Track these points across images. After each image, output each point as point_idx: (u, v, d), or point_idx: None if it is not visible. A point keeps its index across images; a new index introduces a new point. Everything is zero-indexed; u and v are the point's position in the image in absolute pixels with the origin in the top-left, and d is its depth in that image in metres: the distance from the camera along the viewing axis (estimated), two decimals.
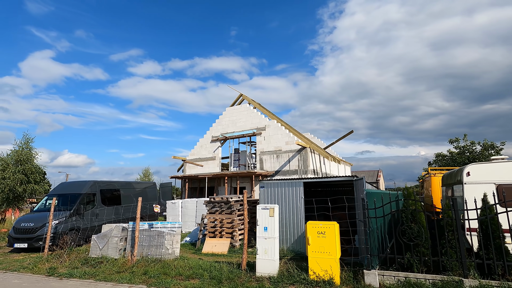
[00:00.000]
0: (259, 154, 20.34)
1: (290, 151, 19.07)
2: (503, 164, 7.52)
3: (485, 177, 7.55)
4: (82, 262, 8.53)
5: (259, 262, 6.70)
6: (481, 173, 7.62)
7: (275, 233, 6.77)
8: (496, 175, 7.49)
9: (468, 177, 7.71)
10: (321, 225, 6.35)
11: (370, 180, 58.32)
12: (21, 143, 20.68)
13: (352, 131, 19.38)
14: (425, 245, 6.17)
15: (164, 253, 8.83)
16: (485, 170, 7.63)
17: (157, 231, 8.98)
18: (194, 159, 23.61)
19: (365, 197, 6.27)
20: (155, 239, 8.93)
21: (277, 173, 19.45)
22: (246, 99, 23.20)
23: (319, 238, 6.31)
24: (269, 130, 20.25)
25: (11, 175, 19.13)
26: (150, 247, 8.91)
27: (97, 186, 14.12)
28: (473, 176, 7.67)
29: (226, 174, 19.68)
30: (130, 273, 7.43)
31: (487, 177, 7.53)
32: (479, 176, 7.61)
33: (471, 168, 7.75)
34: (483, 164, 7.74)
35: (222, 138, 22.39)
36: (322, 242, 6.27)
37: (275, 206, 6.94)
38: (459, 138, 27.70)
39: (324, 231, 6.29)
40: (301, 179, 9.94)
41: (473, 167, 7.75)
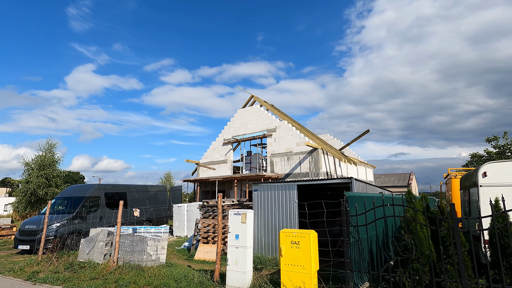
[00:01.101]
0: (270, 157, 19.59)
1: (301, 153, 18.12)
2: None
3: (505, 178, 6.25)
4: (67, 267, 8.39)
5: (229, 273, 6.02)
6: (501, 174, 6.32)
7: (247, 242, 6.05)
8: None
9: (485, 179, 6.44)
10: (295, 234, 5.54)
11: (400, 183, 54.81)
12: (44, 148, 21.83)
13: (368, 131, 17.96)
14: (422, 261, 5.12)
15: (146, 259, 8.43)
16: (506, 169, 6.32)
17: (139, 236, 8.63)
18: (206, 162, 23.42)
19: (346, 202, 5.36)
20: (138, 244, 8.58)
21: (287, 176, 18.56)
22: (258, 101, 22.62)
23: (292, 249, 5.50)
24: (279, 132, 19.45)
25: (34, 179, 20.17)
26: (133, 252, 8.57)
27: (101, 189, 14.27)
28: (491, 177, 6.39)
29: (236, 177, 19.17)
30: (103, 280, 7.10)
31: (508, 178, 6.22)
32: (499, 177, 6.32)
33: (488, 167, 6.47)
34: (504, 162, 6.42)
35: (233, 141, 21.96)
36: (296, 254, 5.45)
37: (248, 211, 6.22)
38: (498, 137, 24.79)
39: (299, 240, 5.47)
40: (295, 182, 9.10)
41: (491, 166, 6.46)
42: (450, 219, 4.50)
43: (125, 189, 16.02)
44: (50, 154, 21.75)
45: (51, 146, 21.94)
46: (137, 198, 16.48)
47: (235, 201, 10.58)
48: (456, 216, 4.49)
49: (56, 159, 21.99)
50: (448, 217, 4.52)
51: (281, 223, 9.08)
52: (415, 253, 5.09)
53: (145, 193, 17.48)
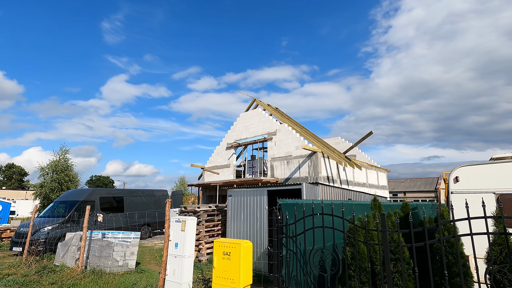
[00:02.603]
0: (270, 160, 19.11)
1: (301, 157, 17.46)
2: (507, 165, 5.27)
3: (480, 184, 5.40)
4: (38, 270, 8.54)
5: (167, 284, 5.72)
6: (475, 179, 5.47)
7: (185, 251, 5.72)
8: (496, 180, 5.29)
9: (456, 184, 5.61)
10: (227, 243, 5.13)
11: (427, 188, 51.48)
12: (58, 154, 22.99)
13: (372, 132, 16.89)
14: (363, 278, 4.50)
15: (112, 265, 8.36)
16: (481, 173, 5.46)
17: (106, 241, 8.60)
18: (211, 166, 23.39)
19: (279, 210, 4.86)
20: (105, 250, 8.54)
21: (287, 180, 17.96)
22: (260, 104, 22.27)
23: (224, 260, 5.09)
24: (279, 135, 18.94)
25: (48, 183, 21.25)
26: (100, 258, 8.55)
27: (96, 193, 14.62)
28: (463, 182, 5.56)
29: (235, 182, 18.88)
30: (59, 285, 7.09)
31: (483, 184, 5.37)
32: (472, 183, 5.47)
33: (460, 171, 5.64)
34: (478, 166, 5.55)
35: (236, 145, 21.75)
36: (226, 266, 5.03)
37: (188, 218, 5.90)
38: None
39: (230, 251, 5.05)
40: (265, 187, 8.63)
41: (463, 170, 5.62)
42: (380, 231, 3.88)
43: (122, 193, 16.32)
44: (64, 159, 22.81)
45: (64, 152, 23.02)
46: (135, 203, 16.73)
47: (212, 206, 10.28)
48: (385, 228, 3.85)
49: (70, 165, 22.99)
50: (378, 229, 3.89)
51: (252, 230, 8.63)
52: (355, 269, 4.48)
53: (145, 197, 17.71)
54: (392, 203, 8.60)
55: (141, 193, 17.83)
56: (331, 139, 28.64)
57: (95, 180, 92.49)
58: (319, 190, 7.16)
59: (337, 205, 5.82)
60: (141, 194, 17.71)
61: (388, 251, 3.78)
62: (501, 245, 3.80)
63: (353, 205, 6.98)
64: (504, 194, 5.13)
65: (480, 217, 3.75)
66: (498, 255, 3.84)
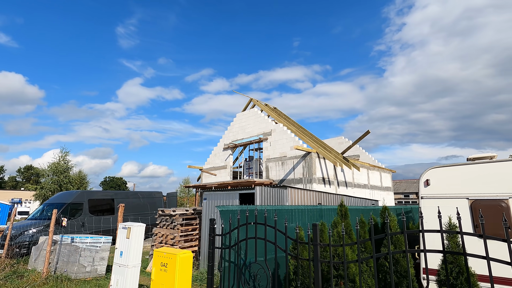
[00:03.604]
0: (265, 162, 18.61)
1: (295, 157, 16.87)
2: (482, 167, 4.59)
3: (453, 188, 4.74)
4: (7, 275, 8.40)
5: None
6: (447, 182, 4.82)
7: (129, 261, 5.33)
8: (470, 185, 4.62)
9: (427, 188, 4.97)
10: (165, 254, 4.70)
11: None
12: (59, 156, 23.28)
13: (369, 132, 16.08)
14: None
15: (78, 271, 8.10)
16: (454, 176, 4.80)
17: (74, 246, 8.35)
18: (209, 168, 23.10)
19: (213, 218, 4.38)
20: (72, 255, 8.29)
21: (281, 182, 17.40)
22: (257, 104, 21.80)
23: (161, 272, 4.67)
24: (274, 135, 18.41)
25: (48, 185, 21.53)
26: (68, 263, 8.31)
27: (85, 195, 14.54)
28: (435, 186, 4.91)
29: (229, 183, 18.48)
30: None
31: (456, 188, 4.71)
32: (444, 187, 4.82)
33: (431, 174, 4.99)
34: (451, 167, 4.88)
35: (232, 146, 21.36)
36: (163, 278, 4.61)
37: (134, 225, 5.51)
38: None
39: (167, 262, 4.62)
40: (237, 190, 8.16)
41: (435, 173, 4.97)
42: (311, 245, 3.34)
43: (113, 195, 16.21)
44: (64, 162, 23.07)
45: (64, 154, 23.28)
46: (128, 205, 16.57)
47: (189, 210, 9.90)
48: (317, 241, 3.31)
49: (69, 167, 23.23)
50: (309, 243, 3.35)
51: None
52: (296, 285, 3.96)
53: (139, 199, 17.56)
54: (370, 207, 7.93)
55: (134, 195, 17.69)
56: (334, 139, 27.83)
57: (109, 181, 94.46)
58: (288, 194, 6.62)
59: (287, 211, 5.29)
60: (134, 196, 17.57)
61: (318, 267, 3.24)
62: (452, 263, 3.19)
63: (321, 211, 6.40)
64: (478, 199, 4.46)
65: (434, 231, 3.15)
66: (449, 274, 3.23)
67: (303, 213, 5.94)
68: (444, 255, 3.03)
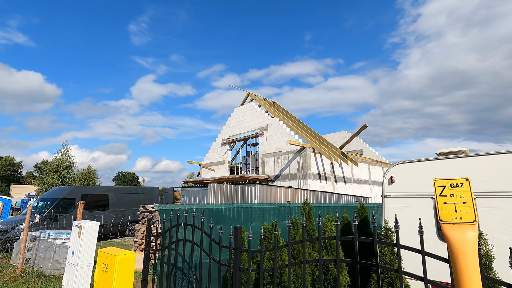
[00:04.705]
0: (261, 157, 18.26)
1: (290, 152, 16.44)
2: (448, 163, 4.11)
3: (417, 186, 4.29)
4: None
5: None
6: (412, 179, 4.36)
7: (79, 260, 5.15)
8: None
9: (391, 186, 4.54)
10: (107, 254, 4.47)
11: None
12: (61, 152, 23.65)
13: (366, 125, 15.43)
14: None
15: (53, 267, 8.06)
16: (419, 173, 4.34)
17: (50, 242, 8.31)
18: (207, 163, 22.96)
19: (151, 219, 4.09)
20: (48, 251, 8.26)
21: (277, 177, 17.03)
22: (255, 99, 21.39)
23: (103, 273, 4.45)
24: (270, 130, 18.00)
25: (49, 180, 21.93)
26: (44, 259, 8.29)
27: (77, 191, 14.63)
28: (399, 183, 4.46)
29: (224, 179, 18.27)
30: None
31: (420, 186, 4.26)
32: (409, 184, 4.37)
33: (396, 170, 4.54)
34: (416, 163, 4.41)
35: (229, 141, 21.10)
36: (104, 280, 4.39)
37: (86, 223, 5.32)
38: None
39: (108, 263, 4.40)
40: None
41: (400, 169, 4.52)
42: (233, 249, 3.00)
43: (107, 191, 16.27)
44: (66, 157, 23.42)
45: (66, 150, 23.62)
46: (123, 201, 16.63)
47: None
48: (237, 246, 2.97)
49: (72, 162, 23.57)
50: (230, 247, 3.02)
51: None
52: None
53: (134, 195, 17.58)
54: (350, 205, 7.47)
55: (132, 190, 17.75)
56: (337, 134, 27.15)
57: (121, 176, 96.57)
58: (258, 191, 6.27)
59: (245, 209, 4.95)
60: (131, 191, 17.62)
61: (237, 274, 2.91)
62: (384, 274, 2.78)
63: (290, 209, 6.04)
64: None
65: (367, 239, 2.75)
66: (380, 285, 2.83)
67: (266, 211, 5.60)
68: (377, 270, 2.64)
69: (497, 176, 3.72)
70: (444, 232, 1.53)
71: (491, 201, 3.71)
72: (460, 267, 1.38)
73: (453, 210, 1.51)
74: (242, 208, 5.22)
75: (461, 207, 1.49)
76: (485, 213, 3.72)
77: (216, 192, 6.31)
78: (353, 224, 2.36)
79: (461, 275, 1.38)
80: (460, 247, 1.41)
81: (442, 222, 1.55)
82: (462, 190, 1.50)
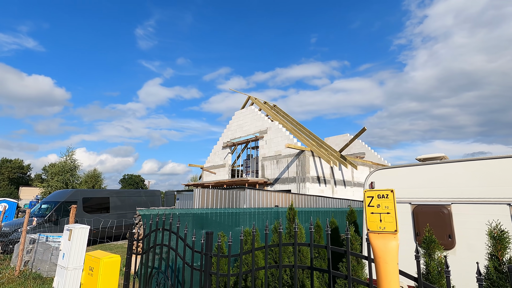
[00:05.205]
0: (261, 160, 18.34)
1: (289, 156, 16.49)
2: (426, 169, 4.13)
3: (398, 192, 4.31)
4: None
5: None
6: (392, 185, 4.40)
7: (69, 263, 5.28)
8: (413, 188, 4.19)
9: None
10: (93, 257, 4.60)
11: None
12: (65, 155, 24.08)
13: (365, 129, 15.40)
14: None
15: (50, 269, 8.24)
16: (398, 179, 4.37)
17: (47, 245, 8.50)
18: (209, 166, 23.12)
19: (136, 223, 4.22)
20: (45, 253, 8.45)
21: (276, 181, 17.08)
22: (255, 102, 21.50)
23: (89, 276, 4.57)
24: (270, 133, 18.09)
25: (54, 182, 22.34)
26: (41, 261, 8.48)
27: (79, 194, 14.88)
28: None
29: (224, 182, 18.39)
30: None
31: (399, 192, 4.29)
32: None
33: (376, 176, 4.58)
34: (395, 169, 4.45)
35: (230, 144, 21.24)
36: (90, 283, 4.51)
37: (76, 227, 5.46)
38: None
39: (93, 266, 4.52)
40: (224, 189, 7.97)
41: (380, 174, 4.56)
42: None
43: (108, 194, 16.51)
44: (71, 160, 23.83)
45: (71, 153, 24.04)
46: (125, 204, 16.86)
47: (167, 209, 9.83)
48: (208, 251, 3.04)
49: (76, 165, 23.96)
50: (202, 252, 3.10)
51: None
52: None
53: (135, 198, 17.81)
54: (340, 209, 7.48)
55: (134, 193, 17.98)
56: (339, 137, 27.09)
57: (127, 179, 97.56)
58: (247, 196, 6.35)
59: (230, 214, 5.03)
60: (133, 194, 17.86)
61: (206, 279, 2.99)
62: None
63: (278, 213, 6.10)
64: (420, 205, 4.02)
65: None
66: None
67: (253, 216, 5.67)
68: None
69: (473, 182, 3.73)
70: (370, 240, 1.59)
71: (467, 207, 3.73)
72: (381, 274, 1.44)
73: (378, 220, 1.58)
74: (228, 213, 5.31)
75: (385, 217, 1.56)
76: (461, 219, 3.74)
77: (202, 197, 6.40)
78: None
79: (381, 281, 1.44)
80: (381, 255, 1.47)
81: (369, 232, 1.62)
82: (387, 201, 1.56)
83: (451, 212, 3.76)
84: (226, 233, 5.05)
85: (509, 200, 3.40)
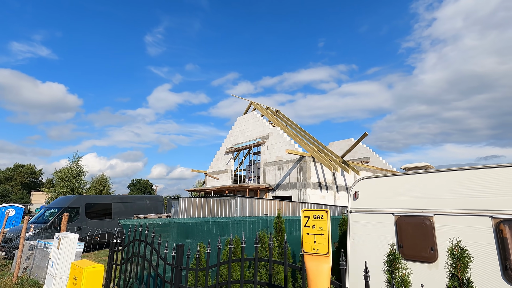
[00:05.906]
0: (263, 165, 18.29)
1: (290, 161, 16.40)
2: (409, 179, 4.03)
3: (380, 202, 4.23)
4: None
5: None
6: (376, 195, 4.31)
7: (57, 271, 5.35)
8: (396, 198, 4.10)
9: (356, 201, 4.49)
10: (77, 266, 4.63)
11: None
12: (72, 161, 24.51)
13: (366, 134, 15.20)
14: None
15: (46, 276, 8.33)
16: (382, 188, 4.28)
17: (45, 251, 8.61)
18: (212, 172, 23.17)
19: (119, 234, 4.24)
20: (43, 260, 8.56)
21: (278, 186, 16.99)
22: (257, 108, 21.53)
23: (73, 285, 4.60)
24: (271, 139, 18.05)
25: (61, 188, 22.73)
26: (39, 268, 8.59)
27: (81, 200, 15.08)
28: (364, 199, 4.41)
29: (226, 187, 18.38)
30: None
31: (383, 203, 4.20)
32: (373, 200, 4.32)
33: (361, 185, 4.50)
34: (380, 178, 4.36)
35: (232, 150, 21.27)
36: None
37: (65, 235, 5.53)
38: None
39: (77, 276, 4.55)
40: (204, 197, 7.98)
41: (364, 184, 4.47)
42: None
43: (111, 200, 16.67)
44: (77, 166, 24.23)
45: (77, 159, 24.46)
46: (127, 209, 17.01)
47: (162, 216, 9.87)
48: (179, 264, 3.02)
49: (82, 171, 24.35)
50: (173, 264, 3.08)
51: None
52: None
53: (139, 203, 17.94)
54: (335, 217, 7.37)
55: (134, 199, 18.11)
56: (344, 141, 26.86)
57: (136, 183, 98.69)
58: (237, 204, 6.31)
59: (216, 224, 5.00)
60: (136, 200, 17.99)
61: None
62: None
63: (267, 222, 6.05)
64: (403, 216, 3.92)
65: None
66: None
67: (242, 225, 5.64)
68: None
69: (455, 193, 3.63)
70: (305, 261, 1.55)
71: (449, 218, 3.62)
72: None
73: (313, 242, 1.54)
74: (215, 222, 5.28)
75: (319, 239, 1.51)
76: (444, 231, 3.63)
77: (187, 206, 6.39)
78: (269, 247, 2.37)
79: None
80: (314, 278, 1.43)
81: (304, 253, 1.57)
82: (321, 222, 1.52)
83: (434, 223, 3.66)
84: (214, 243, 5.02)
85: (491, 212, 3.29)
